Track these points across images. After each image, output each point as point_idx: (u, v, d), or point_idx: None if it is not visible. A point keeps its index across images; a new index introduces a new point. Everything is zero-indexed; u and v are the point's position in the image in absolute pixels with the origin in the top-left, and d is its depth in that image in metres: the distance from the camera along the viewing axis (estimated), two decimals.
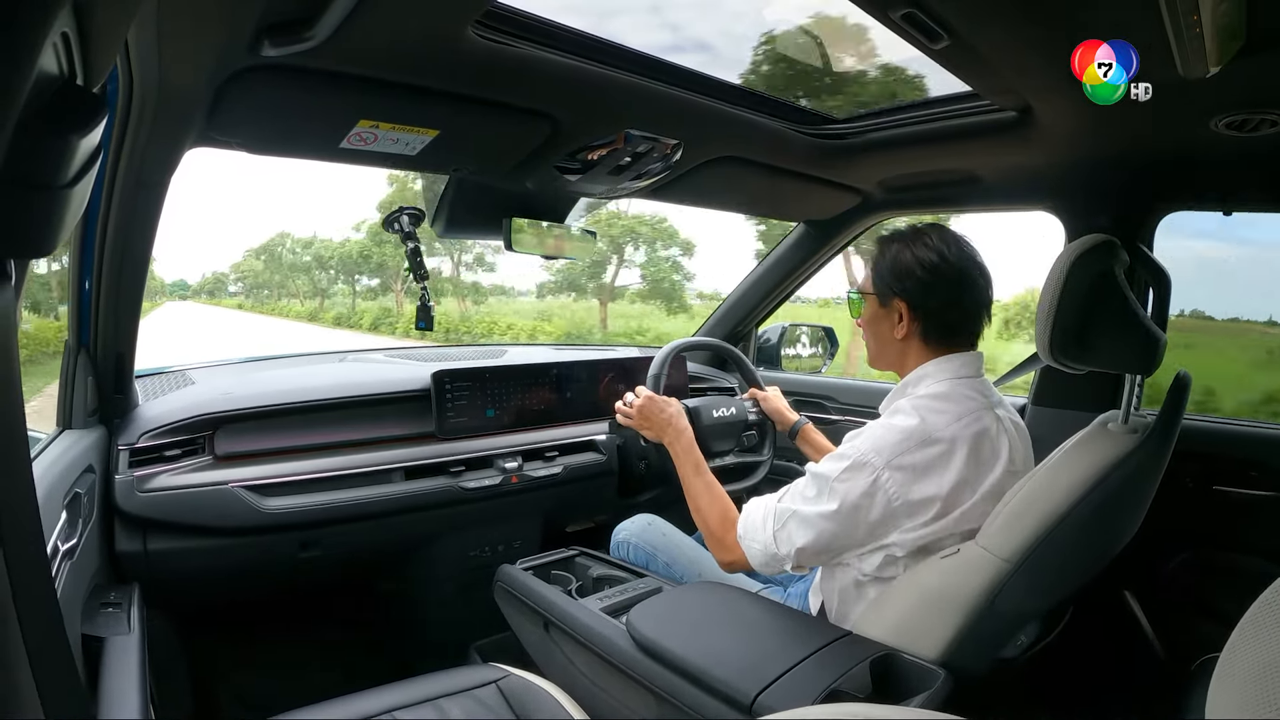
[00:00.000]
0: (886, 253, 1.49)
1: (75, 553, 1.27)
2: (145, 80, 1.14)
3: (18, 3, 0.39)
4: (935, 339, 1.47)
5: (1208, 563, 1.91)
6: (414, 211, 1.92)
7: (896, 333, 1.48)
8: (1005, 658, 1.44)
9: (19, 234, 0.48)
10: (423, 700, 1.35)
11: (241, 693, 2.07)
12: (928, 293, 1.44)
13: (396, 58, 1.26)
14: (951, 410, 1.39)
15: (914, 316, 1.46)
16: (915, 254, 1.45)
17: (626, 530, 1.96)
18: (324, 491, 1.82)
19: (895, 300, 1.47)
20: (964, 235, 1.48)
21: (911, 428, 1.36)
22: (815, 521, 1.37)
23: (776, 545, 1.43)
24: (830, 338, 2.98)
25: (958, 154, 1.95)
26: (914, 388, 1.47)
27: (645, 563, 1.86)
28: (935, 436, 1.35)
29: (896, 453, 1.34)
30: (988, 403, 1.44)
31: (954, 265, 1.43)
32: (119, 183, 1.35)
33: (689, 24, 16.73)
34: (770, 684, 1.18)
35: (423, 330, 2.03)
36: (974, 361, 1.47)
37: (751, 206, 2.76)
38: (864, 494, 1.34)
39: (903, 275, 1.46)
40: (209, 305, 47.79)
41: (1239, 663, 0.51)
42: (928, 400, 1.41)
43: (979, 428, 1.39)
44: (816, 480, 1.40)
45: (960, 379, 1.44)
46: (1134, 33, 1.15)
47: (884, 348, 1.54)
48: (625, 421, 1.92)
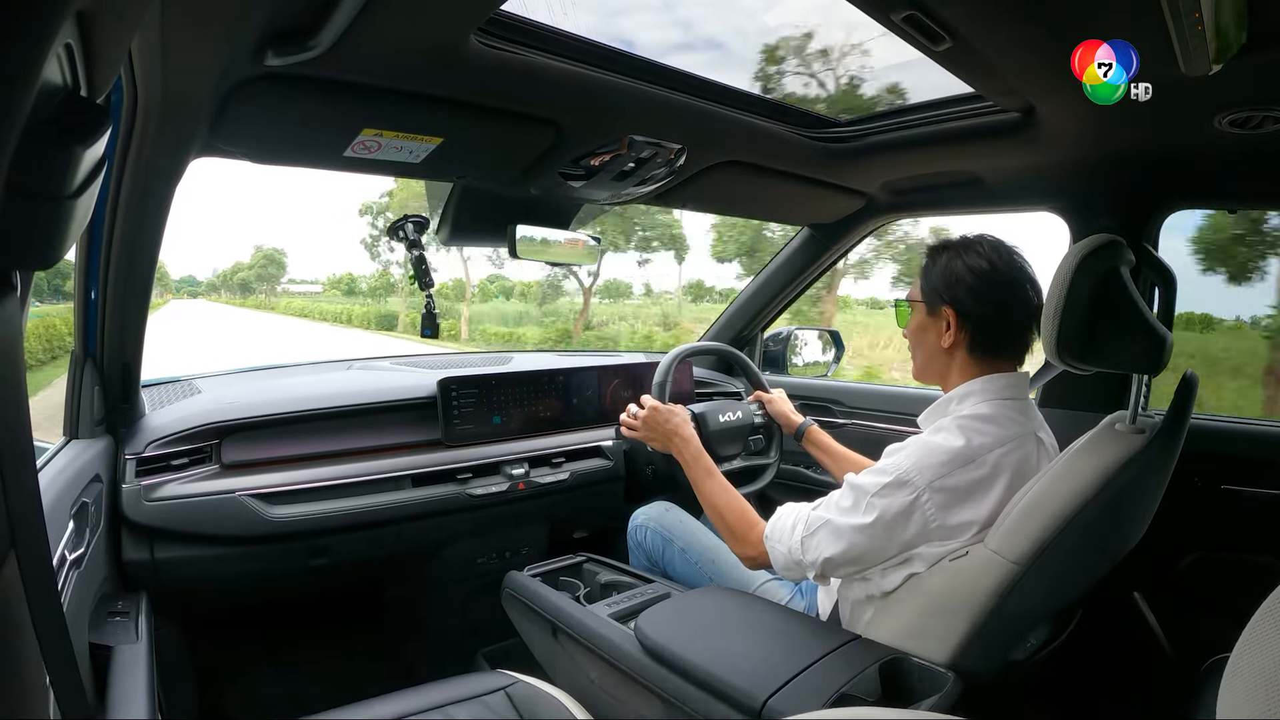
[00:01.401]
0: (937, 261, 1.49)
1: (83, 562, 1.28)
2: (149, 91, 1.14)
3: (21, 14, 0.39)
4: (981, 351, 1.45)
5: (1217, 563, 1.90)
6: (419, 219, 1.92)
7: (943, 341, 1.47)
8: (1014, 660, 1.44)
9: (24, 245, 0.49)
10: (431, 707, 1.34)
11: (249, 700, 2.07)
12: (976, 301, 1.43)
13: (399, 66, 1.26)
14: (996, 434, 1.38)
15: (961, 325, 1.45)
16: (966, 262, 1.44)
17: (645, 515, 1.98)
18: (331, 499, 1.82)
19: (943, 308, 1.46)
20: (1016, 247, 1.47)
21: (956, 449, 1.34)
22: (847, 533, 1.37)
23: (803, 552, 1.42)
24: (836, 341, 2.97)
25: (961, 156, 1.94)
26: (958, 405, 1.45)
27: (661, 548, 1.87)
28: (980, 460, 1.34)
29: (939, 474, 1.32)
30: (1030, 426, 1.44)
31: (1004, 275, 1.42)
32: (124, 193, 1.36)
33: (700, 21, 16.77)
34: (779, 688, 1.18)
35: (428, 338, 2.04)
36: (1020, 382, 1.46)
37: (755, 210, 2.76)
38: (901, 512, 1.32)
39: (952, 282, 1.44)
40: (220, 304, 47.86)
41: (1249, 662, 0.51)
42: (972, 421, 1.39)
43: (1022, 454, 1.38)
44: (854, 492, 1.39)
45: (1004, 400, 1.43)
46: (1136, 32, 1.15)
47: (930, 358, 1.52)
48: (630, 434, 1.92)
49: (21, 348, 0.55)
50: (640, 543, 1.92)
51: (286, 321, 36.36)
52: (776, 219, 2.67)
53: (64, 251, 0.53)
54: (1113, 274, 1.31)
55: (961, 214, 2.35)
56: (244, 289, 46.70)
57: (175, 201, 1.44)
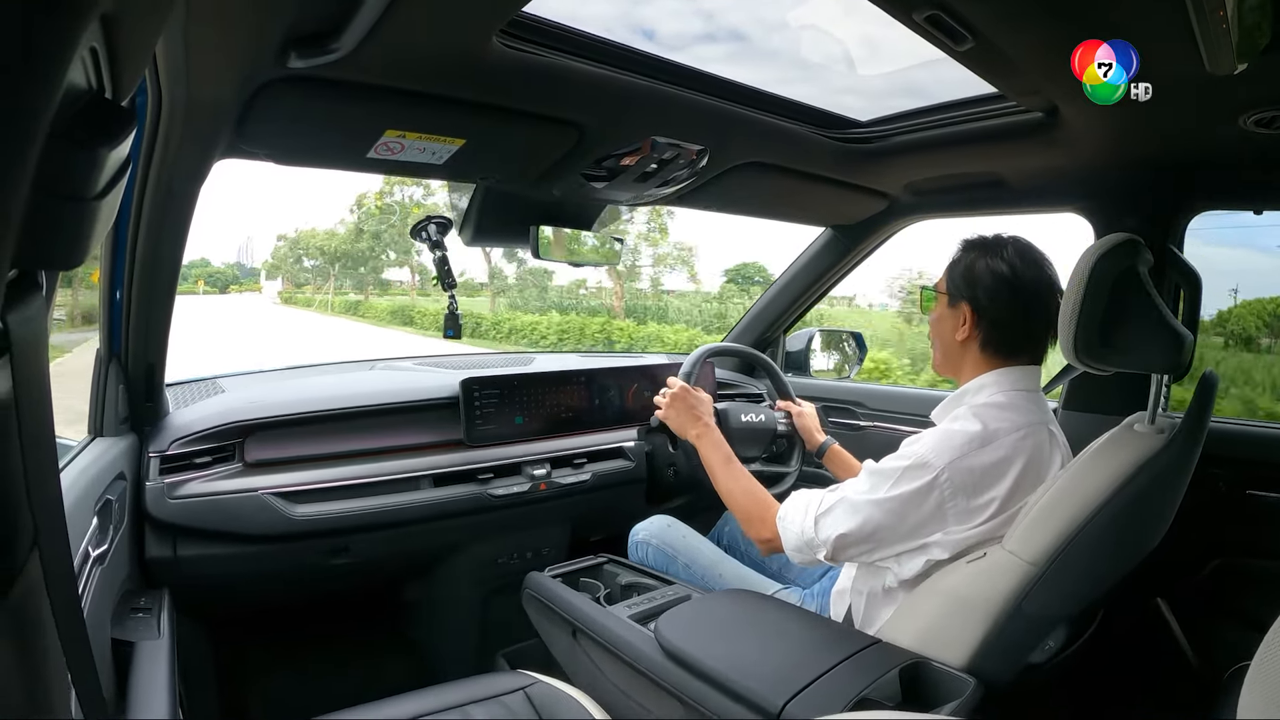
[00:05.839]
0: (964, 257, 1.51)
1: (106, 558, 1.29)
2: (174, 93, 1.15)
3: (47, 17, 0.40)
4: (994, 350, 1.47)
5: (1241, 569, 1.87)
6: (442, 220, 1.93)
7: (958, 335, 1.49)
8: (1033, 663, 1.43)
9: (49, 245, 0.49)
10: (450, 706, 1.35)
11: (270, 698, 2.08)
12: (993, 304, 1.45)
13: (422, 68, 1.27)
14: (1012, 419, 1.39)
15: (976, 323, 1.47)
16: (989, 264, 1.46)
17: (646, 531, 1.96)
18: (353, 498, 1.83)
19: (962, 304, 1.48)
20: (1044, 254, 1.47)
21: (974, 432, 1.36)
22: (863, 508, 1.38)
23: (815, 531, 1.43)
24: (859, 343, 2.95)
25: (984, 157, 1.93)
26: (973, 396, 1.47)
27: (665, 565, 1.85)
28: (997, 442, 1.36)
29: (957, 454, 1.34)
30: (1043, 418, 1.45)
31: (1025, 282, 1.43)
32: (148, 194, 1.37)
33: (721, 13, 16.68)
34: (799, 692, 1.18)
35: (451, 339, 2.04)
36: (1033, 375, 1.48)
37: (777, 212, 2.75)
38: (919, 491, 1.34)
39: (973, 282, 1.47)
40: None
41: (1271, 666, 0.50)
42: (988, 409, 1.41)
43: (1036, 441, 1.40)
44: (872, 476, 1.41)
45: (1019, 390, 1.44)
46: (1159, 31, 1.13)
47: (946, 349, 1.54)
48: (661, 414, 1.91)
49: (46, 347, 0.55)
50: (642, 560, 1.91)
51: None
52: (799, 220, 2.65)
53: (88, 252, 0.53)
54: (1130, 273, 1.30)
55: (985, 215, 2.33)
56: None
57: (201, 201, 1.45)
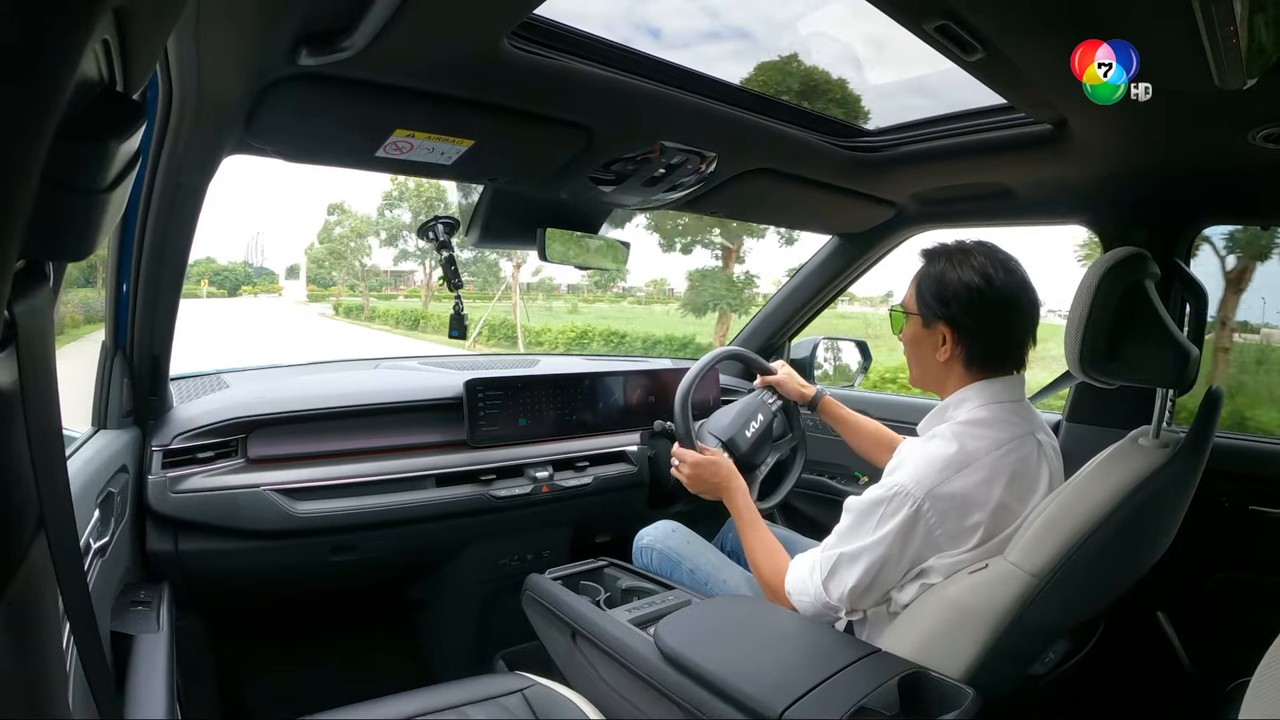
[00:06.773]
0: (931, 271, 1.47)
1: (107, 550, 1.29)
2: (184, 88, 1.16)
3: (60, 9, 0.40)
4: (979, 365, 1.44)
5: (1244, 584, 1.87)
6: (449, 220, 1.93)
7: (939, 355, 1.46)
8: (1034, 674, 1.42)
9: (57, 237, 0.49)
10: (448, 707, 1.35)
11: (268, 693, 2.09)
12: (972, 318, 1.41)
13: (432, 68, 1.27)
14: (992, 436, 1.37)
15: (957, 341, 1.44)
16: (961, 276, 1.41)
17: (650, 536, 1.94)
18: (355, 497, 1.84)
19: (938, 324, 1.45)
20: (1012, 255, 1.44)
21: (950, 455, 1.34)
22: (860, 556, 1.36)
23: (827, 594, 1.41)
24: (864, 351, 2.95)
25: (992, 167, 1.92)
26: (954, 411, 1.45)
27: (669, 570, 1.84)
28: (974, 463, 1.34)
29: (936, 482, 1.32)
30: (1029, 428, 1.43)
31: (1000, 290, 1.40)
32: (157, 188, 1.38)
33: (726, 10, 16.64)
34: (798, 699, 1.17)
35: (456, 339, 2.04)
36: (1016, 385, 1.45)
37: (784, 219, 2.75)
38: (906, 522, 1.33)
39: (945, 299, 1.43)
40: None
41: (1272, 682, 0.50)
42: (967, 426, 1.39)
43: (1019, 454, 1.38)
44: (855, 514, 1.39)
45: (1002, 403, 1.42)
46: (1169, 45, 1.13)
47: (926, 369, 1.51)
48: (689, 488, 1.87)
49: (53, 338, 0.56)
50: (647, 565, 1.90)
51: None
52: (806, 228, 2.65)
53: (96, 244, 0.53)
54: (1137, 287, 1.30)
55: (992, 225, 2.33)
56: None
57: (209, 197, 1.46)
